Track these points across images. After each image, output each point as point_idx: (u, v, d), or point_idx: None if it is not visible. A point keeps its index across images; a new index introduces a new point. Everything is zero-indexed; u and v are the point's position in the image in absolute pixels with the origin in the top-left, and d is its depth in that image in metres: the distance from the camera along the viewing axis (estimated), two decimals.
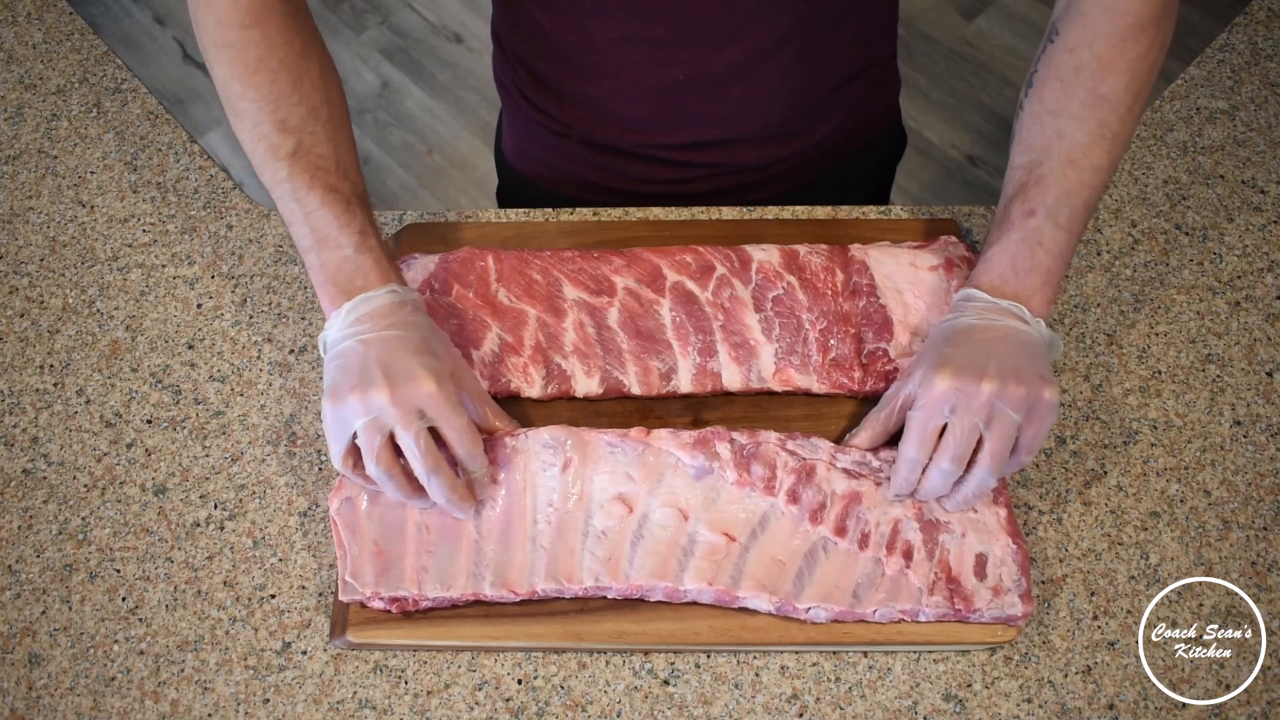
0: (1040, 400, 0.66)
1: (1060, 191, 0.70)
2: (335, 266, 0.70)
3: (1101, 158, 0.71)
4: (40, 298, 0.86)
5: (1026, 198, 0.71)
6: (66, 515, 0.76)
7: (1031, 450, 0.67)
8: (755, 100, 0.86)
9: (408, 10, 2.36)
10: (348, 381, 0.66)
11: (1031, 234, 0.70)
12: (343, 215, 0.70)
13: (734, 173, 0.93)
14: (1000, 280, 0.71)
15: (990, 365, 0.66)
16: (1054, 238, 0.70)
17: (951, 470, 0.67)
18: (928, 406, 0.67)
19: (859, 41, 0.89)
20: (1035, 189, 0.71)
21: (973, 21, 2.27)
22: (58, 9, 1.04)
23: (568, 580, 0.68)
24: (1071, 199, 0.70)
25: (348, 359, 0.67)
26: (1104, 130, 0.71)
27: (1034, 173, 0.71)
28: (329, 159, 0.72)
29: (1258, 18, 1.00)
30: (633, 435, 0.72)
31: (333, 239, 0.70)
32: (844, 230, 0.85)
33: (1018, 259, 0.70)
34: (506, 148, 1.04)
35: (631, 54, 0.83)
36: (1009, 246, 0.71)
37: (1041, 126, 0.72)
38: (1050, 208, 0.70)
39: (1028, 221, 0.70)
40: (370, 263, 0.70)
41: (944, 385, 0.66)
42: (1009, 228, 0.71)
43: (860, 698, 0.68)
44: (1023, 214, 0.71)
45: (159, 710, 0.69)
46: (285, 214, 0.72)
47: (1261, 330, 0.82)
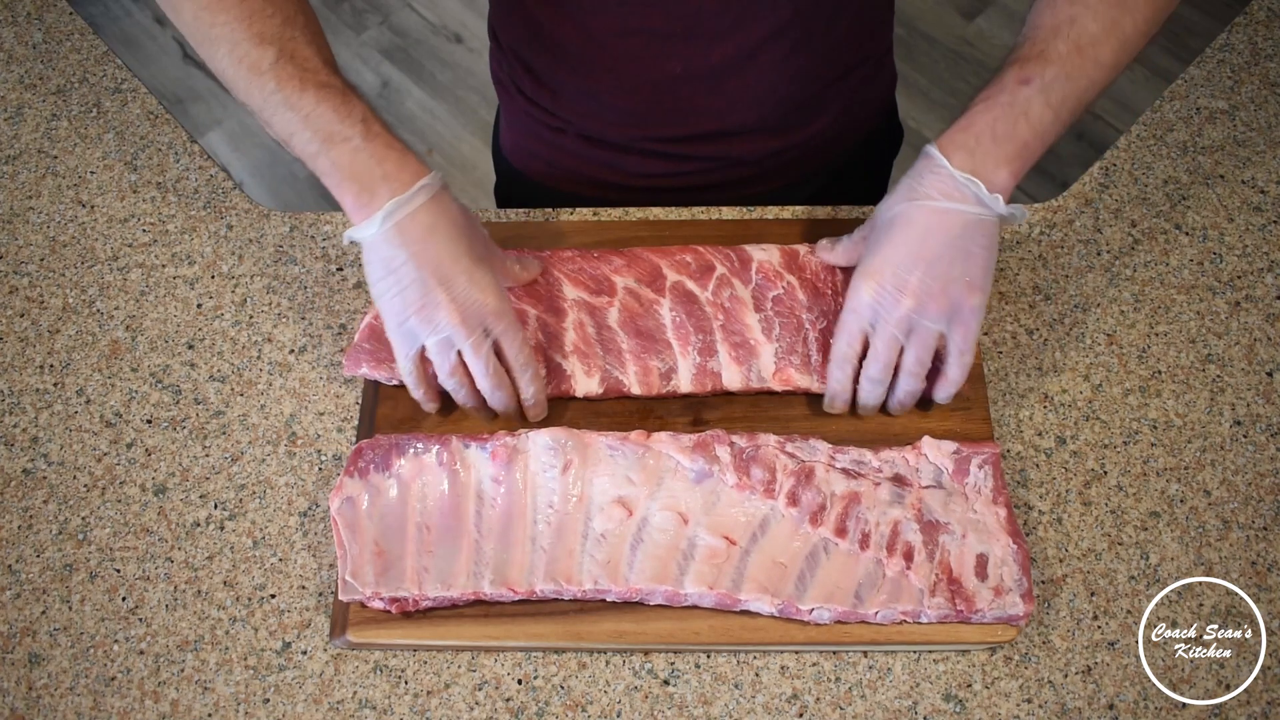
0: (963, 308, 0.69)
1: (1060, 71, 0.68)
2: (349, 161, 0.68)
3: (1108, 55, 0.69)
4: (40, 298, 0.86)
5: (1025, 68, 0.69)
6: (66, 515, 0.76)
7: (963, 352, 0.71)
8: (752, 93, 0.87)
9: (408, 10, 2.36)
10: (412, 302, 0.69)
11: (1020, 102, 0.68)
12: (341, 108, 0.68)
13: (731, 166, 0.93)
14: (974, 141, 0.68)
15: (914, 276, 0.68)
16: (1041, 114, 0.68)
17: (879, 379, 0.72)
18: (850, 318, 0.71)
19: (856, 34, 0.89)
20: (1036, 63, 0.69)
21: (973, 21, 2.27)
22: (58, 9, 1.04)
23: (567, 582, 0.68)
24: (1069, 83, 0.68)
25: (402, 275, 0.68)
26: (1117, 29, 0.69)
27: (1037, 48, 0.70)
28: (314, 60, 0.70)
29: (1258, 18, 1.00)
30: (633, 438, 0.72)
31: (338, 133, 0.68)
32: (844, 230, 0.85)
33: (998, 123, 0.68)
34: (504, 144, 1.04)
35: (628, 47, 0.83)
36: (993, 109, 0.68)
37: (1054, 11, 0.70)
38: (1046, 83, 0.68)
39: (1020, 89, 0.68)
40: (383, 149, 0.68)
41: (866, 297, 0.70)
42: (999, 91, 0.69)
43: (860, 698, 0.68)
44: (1017, 81, 0.69)
45: (159, 710, 0.69)
46: (283, 128, 0.69)
47: (1261, 330, 0.82)
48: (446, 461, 0.72)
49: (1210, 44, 0.99)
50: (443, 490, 0.71)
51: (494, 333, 0.71)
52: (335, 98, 0.68)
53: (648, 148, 0.92)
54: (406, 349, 0.71)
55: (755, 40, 0.82)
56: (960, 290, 0.69)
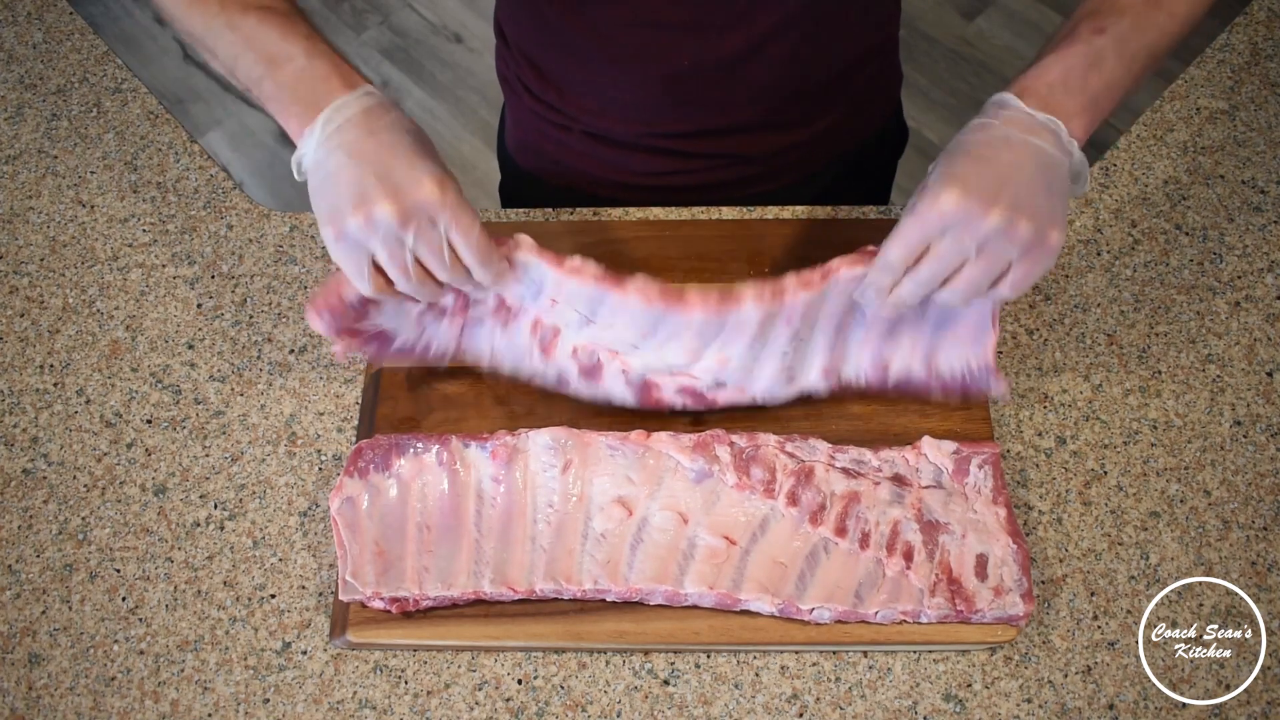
0: (1043, 243, 0.63)
1: (1134, 22, 0.66)
2: (293, 81, 0.65)
3: (1182, 7, 0.67)
4: (40, 298, 0.86)
5: (1099, 17, 0.66)
6: (66, 515, 0.76)
7: (1018, 289, 0.64)
8: (759, 87, 0.86)
9: (408, 10, 2.36)
10: (349, 200, 0.62)
11: (1094, 53, 0.65)
12: (284, 26, 0.66)
13: (737, 163, 0.93)
14: (1047, 90, 0.65)
15: (1005, 191, 0.62)
16: (1114, 66, 0.65)
17: (930, 282, 0.64)
18: (923, 219, 0.63)
19: (862, 29, 0.89)
20: (1110, 13, 0.66)
21: (973, 21, 2.27)
22: (58, 9, 1.04)
23: (567, 581, 0.68)
24: (1143, 34, 0.66)
25: (340, 174, 0.63)
26: None
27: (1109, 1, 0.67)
28: None
29: (1258, 18, 1.00)
30: (633, 438, 0.72)
31: (281, 54, 0.65)
32: (844, 231, 0.85)
33: (1072, 73, 0.65)
34: (509, 142, 1.04)
35: (635, 39, 0.83)
36: (1067, 58, 0.65)
37: None
38: (1121, 33, 0.65)
39: (1095, 39, 0.65)
40: (328, 67, 0.65)
41: (949, 204, 0.61)
42: (1073, 40, 0.66)
43: (860, 698, 0.68)
44: (1091, 30, 0.66)
45: (159, 710, 0.69)
46: (227, 54, 0.67)
47: (1261, 330, 0.82)
48: (446, 461, 0.72)
49: (1210, 44, 0.99)
50: (443, 490, 0.71)
51: (441, 224, 0.64)
52: (277, 19, 0.66)
53: (654, 144, 0.92)
54: (358, 265, 0.64)
55: (763, 32, 0.82)
56: (1045, 222, 0.62)
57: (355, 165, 0.62)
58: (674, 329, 0.72)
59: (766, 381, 0.74)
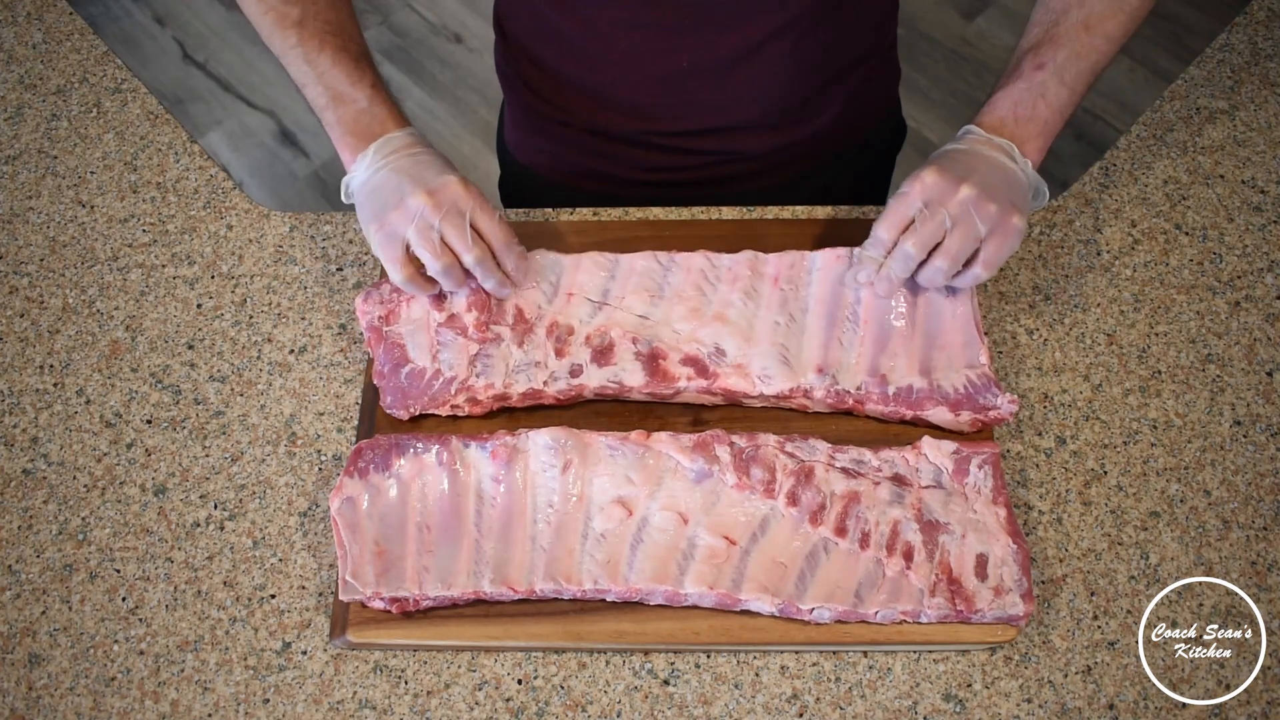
0: (1007, 223, 0.72)
1: (1071, 52, 0.75)
2: (353, 119, 0.76)
3: (1115, 28, 0.75)
4: (40, 298, 0.86)
5: (1039, 53, 0.76)
6: (66, 515, 0.76)
7: (990, 265, 0.73)
8: (757, 87, 0.87)
9: (408, 10, 2.36)
10: (389, 201, 0.73)
11: (1036, 86, 0.75)
12: (354, 72, 0.76)
13: (735, 161, 0.93)
14: (999, 122, 0.75)
15: (973, 176, 0.72)
16: (1057, 93, 0.75)
17: (914, 254, 0.73)
18: (908, 195, 0.73)
19: (861, 29, 0.89)
20: (1048, 46, 0.75)
21: (973, 21, 2.27)
22: (58, 9, 1.04)
23: (566, 581, 0.68)
24: (1080, 60, 0.75)
25: (382, 185, 0.74)
26: (1123, 4, 0.75)
27: (1050, 31, 0.76)
28: (334, 23, 0.77)
29: (1258, 18, 1.00)
30: (633, 438, 0.72)
31: (347, 95, 0.76)
32: (844, 230, 0.85)
33: (1019, 106, 0.75)
34: (509, 139, 1.04)
35: (635, 40, 0.83)
36: (1013, 94, 0.75)
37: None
38: (1059, 65, 0.75)
39: (1036, 74, 0.75)
40: (385, 113, 0.77)
41: (928, 179, 0.72)
42: (1018, 77, 0.76)
43: (860, 698, 0.68)
44: (1032, 66, 0.75)
45: (159, 710, 0.69)
46: (298, 77, 0.77)
47: (1261, 330, 0.82)
48: (446, 461, 0.72)
49: (1210, 44, 0.99)
50: (443, 490, 0.71)
51: (466, 211, 0.74)
52: (349, 63, 0.77)
53: (652, 142, 0.92)
54: (393, 252, 0.74)
55: (761, 34, 0.82)
56: (1007, 206, 0.72)
57: (397, 177, 0.74)
58: (678, 286, 0.79)
59: (763, 357, 0.76)
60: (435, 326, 0.77)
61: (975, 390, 0.74)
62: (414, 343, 0.77)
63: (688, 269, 0.80)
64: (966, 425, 0.74)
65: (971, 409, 0.74)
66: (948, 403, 0.74)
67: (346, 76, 0.76)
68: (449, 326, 0.78)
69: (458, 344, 0.77)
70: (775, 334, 0.77)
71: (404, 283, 0.75)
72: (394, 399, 0.76)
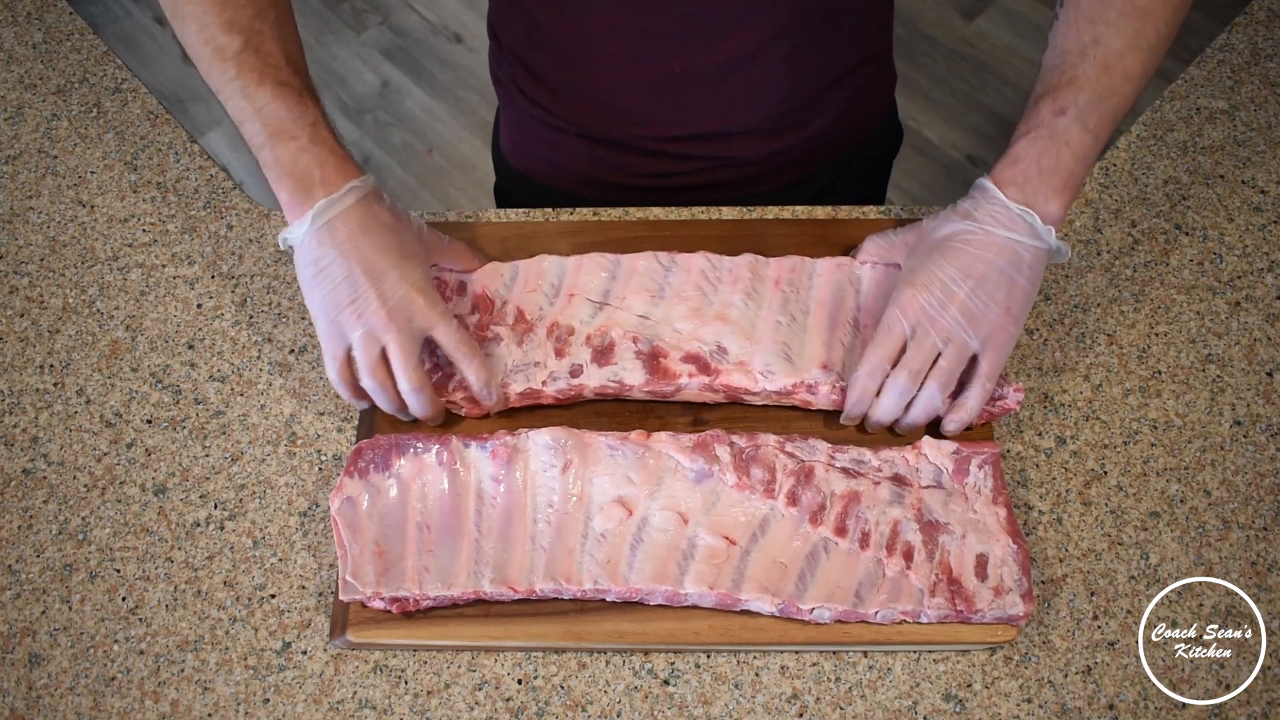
0: (999, 333, 0.70)
1: (1092, 94, 0.70)
2: (291, 159, 0.71)
3: (1135, 66, 0.71)
4: (40, 298, 0.86)
5: (1058, 97, 0.71)
6: (66, 515, 0.76)
7: (988, 379, 0.70)
8: (753, 92, 0.87)
9: (408, 10, 2.36)
10: (343, 299, 0.70)
11: (1060, 133, 0.70)
12: (295, 108, 0.71)
13: (731, 166, 0.93)
14: (1022, 177, 0.70)
15: (962, 290, 0.69)
16: (1081, 140, 0.70)
17: (907, 388, 0.70)
18: (891, 327, 0.70)
19: (857, 34, 0.89)
20: (1067, 90, 0.71)
21: (973, 21, 2.27)
22: (58, 9, 1.04)
23: (566, 581, 0.68)
24: (1102, 104, 0.70)
25: (332, 270, 0.70)
26: (1140, 40, 0.71)
27: (1067, 74, 0.71)
28: (277, 55, 0.72)
29: (1258, 18, 1.00)
30: (633, 438, 0.72)
31: (286, 131, 0.71)
32: (844, 230, 0.85)
33: (1043, 157, 0.70)
34: (504, 144, 1.04)
35: (629, 46, 0.83)
36: (1036, 143, 0.71)
37: (1078, 32, 0.72)
38: (1081, 109, 0.70)
39: (1057, 120, 0.70)
40: (325, 154, 0.71)
41: (913, 304, 0.70)
42: (1037, 124, 0.71)
43: (860, 698, 0.68)
44: (1053, 112, 0.71)
45: (159, 710, 0.69)
46: (235, 113, 0.72)
47: (1261, 330, 0.82)
48: (446, 461, 0.72)
49: (1210, 44, 0.99)
50: (443, 489, 0.71)
51: (423, 328, 0.71)
52: (290, 97, 0.71)
53: (648, 147, 0.92)
54: (334, 348, 0.72)
55: (756, 41, 0.82)
56: (1000, 315, 0.70)
57: (347, 264, 0.70)
58: (679, 286, 0.79)
59: (765, 354, 0.76)
60: None
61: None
62: None
63: (688, 270, 0.80)
64: None
65: None
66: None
67: (287, 111, 0.71)
68: None
69: None
70: (777, 332, 0.77)
71: (336, 383, 0.73)
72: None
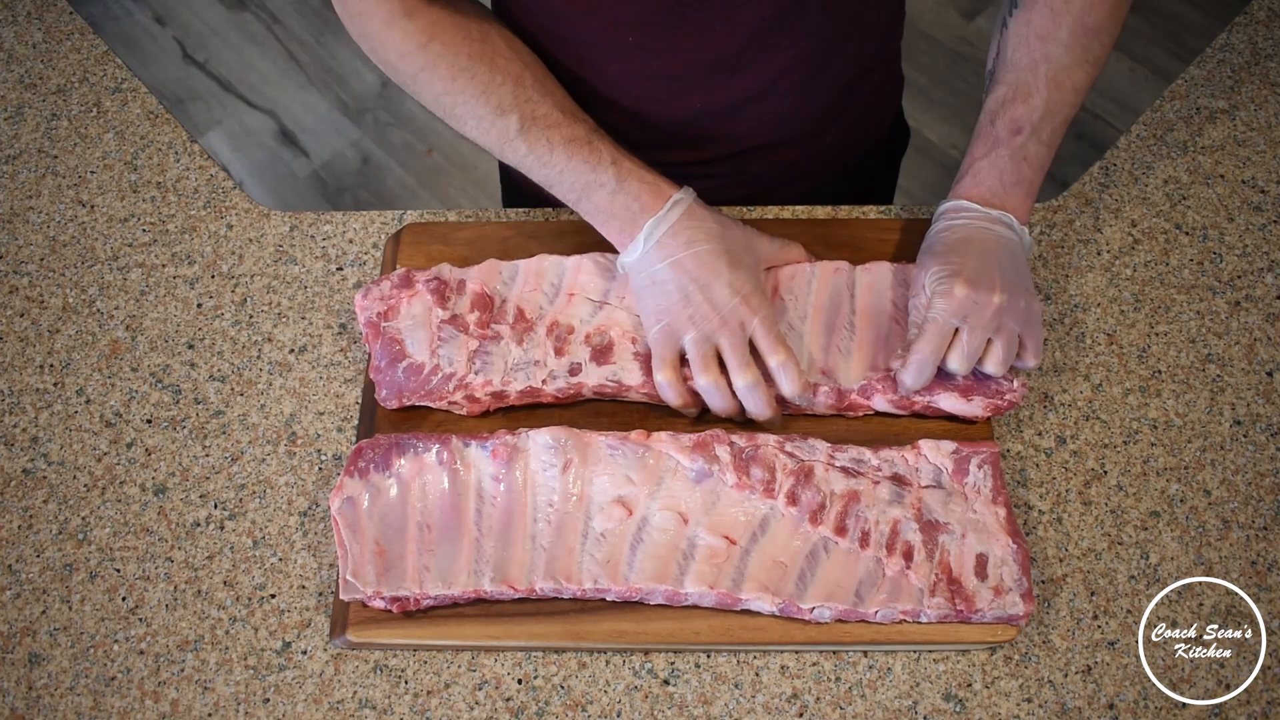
0: (1032, 313, 0.73)
1: (1045, 110, 0.75)
2: (608, 204, 0.75)
3: (1082, 79, 0.76)
4: (40, 298, 0.86)
5: (1013, 115, 0.76)
6: (66, 515, 0.76)
7: (1038, 355, 0.74)
8: (770, 117, 0.86)
9: None
10: (674, 304, 0.73)
11: (1017, 151, 0.75)
12: (589, 158, 0.75)
13: (748, 180, 0.93)
14: (990, 194, 0.76)
15: (997, 279, 0.72)
16: (1037, 152, 0.76)
17: (962, 370, 0.72)
18: (945, 312, 0.72)
19: (870, 42, 0.89)
20: (1022, 106, 0.75)
21: (973, 21, 2.27)
22: (58, 9, 1.04)
23: (566, 580, 0.68)
24: (1054, 117, 0.76)
25: (665, 283, 0.73)
26: (1087, 55, 0.76)
27: (1020, 90, 0.76)
28: (552, 113, 0.76)
29: (1258, 18, 1.00)
30: (633, 438, 0.72)
31: (592, 182, 0.75)
32: (843, 230, 0.85)
33: (1005, 174, 0.76)
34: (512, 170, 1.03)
35: (647, 88, 0.83)
36: (998, 163, 0.76)
37: (1029, 48, 0.76)
38: (1035, 125, 0.75)
39: (1014, 139, 0.75)
40: (636, 186, 0.74)
41: (961, 294, 0.71)
42: (996, 143, 0.76)
43: (860, 697, 0.68)
44: (1009, 131, 0.76)
45: (159, 710, 0.69)
46: (543, 180, 0.77)
47: (1261, 330, 0.82)
48: (446, 460, 0.72)
49: (1210, 44, 0.99)
50: (443, 489, 0.71)
51: (750, 328, 0.73)
52: (582, 149, 0.75)
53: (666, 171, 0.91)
54: (666, 352, 0.73)
55: (775, 73, 0.82)
56: (1030, 297, 0.74)
57: (677, 276, 0.73)
58: None
59: None
60: (438, 323, 0.77)
61: (985, 374, 0.74)
62: (413, 339, 0.77)
63: None
64: (980, 410, 0.74)
65: (983, 394, 0.74)
66: (958, 388, 0.74)
67: (586, 164, 0.74)
68: (450, 323, 0.78)
69: (458, 340, 0.77)
70: None
71: (665, 385, 0.73)
72: (389, 393, 0.76)
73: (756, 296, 0.73)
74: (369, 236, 0.88)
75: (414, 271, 0.80)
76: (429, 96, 0.77)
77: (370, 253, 0.87)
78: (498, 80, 0.75)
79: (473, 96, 0.75)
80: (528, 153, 0.75)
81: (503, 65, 0.76)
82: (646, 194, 0.74)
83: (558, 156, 0.75)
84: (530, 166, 0.76)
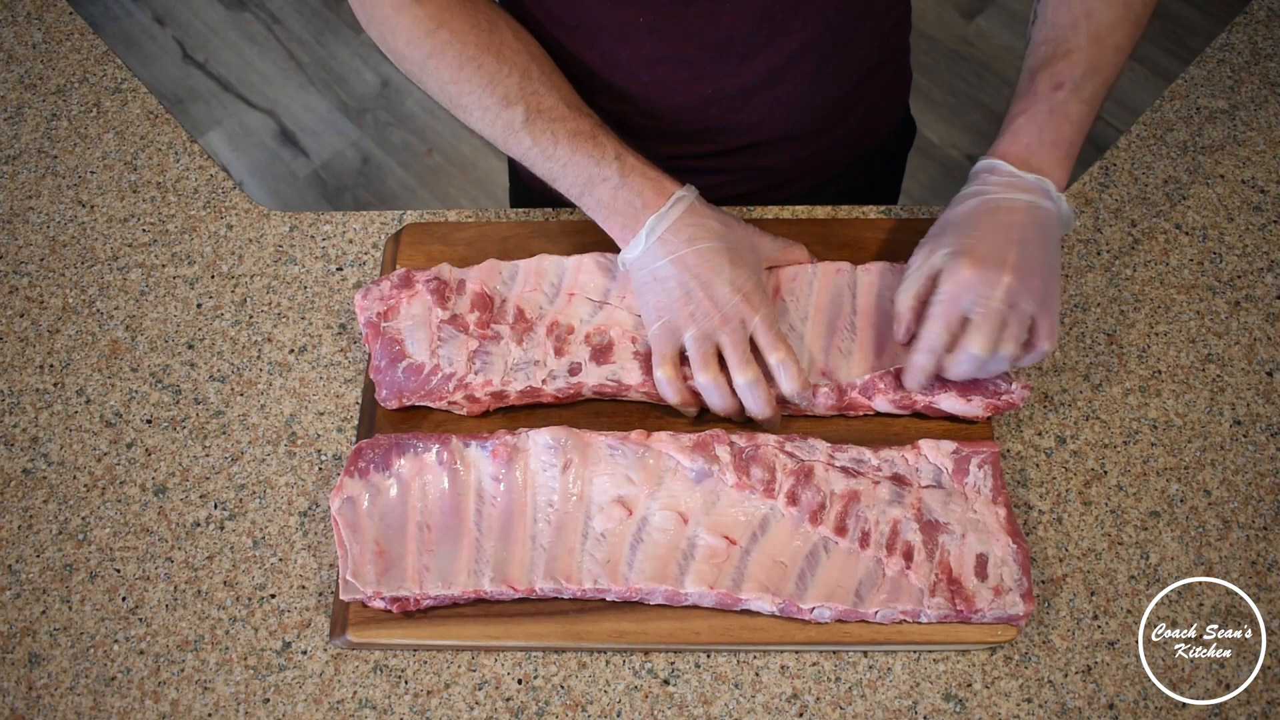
0: (1050, 293, 0.69)
1: (1087, 66, 0.72)
2: (610, 199, 0.74)
3: (1124, 38, 0.73)
4: (40, 298, 0.86)
5: (1054, 71, 0.72)
6: (66, 515, 0.76)
7: (1052, 338, 0.70)
8: (781, 107, 0.86)
9: None
10: (675, 301, 0.72)
11: (1058, 107, 0.72)
12: (594, 152, 0.74)
13: (756, 176, 0.93)
14: (1026, 152, 0.72)
15: (1011, 255, 0.68)
16: (1079, 111, 0.72)
17: (981, 356, 0.69)
18: (947, 301, 0.69)
19: (877, 39, 0.89)
20: (1063, 62, 0.72)
21: (973, 21, 2.27)
22: (58, 9, 1.04)
23: (566, 580, 0.68)
24: (1096, 75, 0.72)
25: (666, 279, 0.72)
26: (1129, 11, 0.73)
27: (1060, 47, 0.73)
28: (558, 106, 0.75)
29: (1258, 18, 1.00)
30: (633, 438, 0.72)
31: (595, 176, 0.74)
32: (844, 230, 0.85)
33: (1044, 131, 0.71)
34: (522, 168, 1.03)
35: (657, 73, 0.83)
36: (1036, 118, 0.72)
37: (1069, 6, 0.73)
38: (1077, 82, 0.72)
39: (1055, 94, 0.72)
40: (639, 181, 0.74)
41: (966, 274, 0.68)
42: (1035, 99, 0.72)
43: (860, 697, 0.68)
44: (1050, 86, 0.72)
45: (159, 710, 0.69)
46: (545, 175, 0.76)
47: (1261, 330, 0.82)
48: (446, 460, 0.72)
49: (1210, 44, 0.99)
50: (443, 489, 0.71)
51: (750, 325, 0.72)
52: (587, 142, 0.74)
53: (675, 164, 0.91)
54: (665, 349, 0.73)
55: (785, 58, 0.82)
56: (1049, 275, 0.70)
57: (679, 272, 0.72)
58: None
59: None
60: (438, 323, 0.77)
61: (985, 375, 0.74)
62: (413, 338, 0.77)
63: None
64: (980, 410, 0.74)
65: (983, 394, 0.74)
66: (958, 388, 0.74)
67: (590, 158, 0.74)
68: (450, 323, 0.78)
69: (458, 340, 0.77)
70: None
71: (664, 382, 0.73)
72: (389, 393, 0.76)
73: (758, 294, 0.73)
74: (369, 236, 0.88)
75: (414, 271, 0.80)
76: (435, 85, 0.77)
77: (370, 253, 0.87)
78: (504, 71, 0.75)
79: (479, 86, 0.75)
80: (532, 145, 0.75)
81: (510, 56, 0.75)
82: (649, 190, 0.74)
83: (562, 150, 0.74)
84: (534, 159, 0.76)
